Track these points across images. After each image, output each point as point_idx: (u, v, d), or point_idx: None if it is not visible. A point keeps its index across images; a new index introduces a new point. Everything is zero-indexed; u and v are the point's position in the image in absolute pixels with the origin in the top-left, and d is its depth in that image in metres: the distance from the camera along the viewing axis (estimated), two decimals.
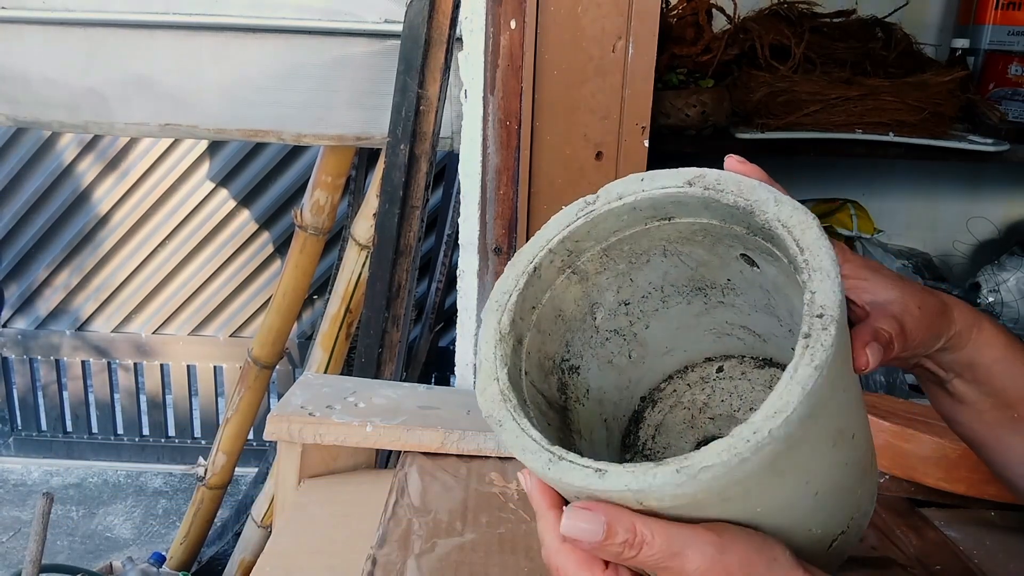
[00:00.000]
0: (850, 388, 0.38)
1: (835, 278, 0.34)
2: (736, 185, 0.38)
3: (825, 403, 0.34)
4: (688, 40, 1.33)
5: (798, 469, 0.35)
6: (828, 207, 1.64)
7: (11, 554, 1.96)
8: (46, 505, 1.12)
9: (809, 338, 0.33)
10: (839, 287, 0.34)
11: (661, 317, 0.47)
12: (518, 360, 0.42)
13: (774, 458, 0.33)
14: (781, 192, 0.38)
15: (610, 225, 0.42)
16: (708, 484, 0.32)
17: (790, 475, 0.35)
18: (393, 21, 1.02)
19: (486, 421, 0.38)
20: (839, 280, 0.34)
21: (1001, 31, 1.51)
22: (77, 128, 1.12)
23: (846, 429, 0.37)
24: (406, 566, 0.56)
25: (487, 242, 0.87)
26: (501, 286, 0.42)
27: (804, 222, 0.36)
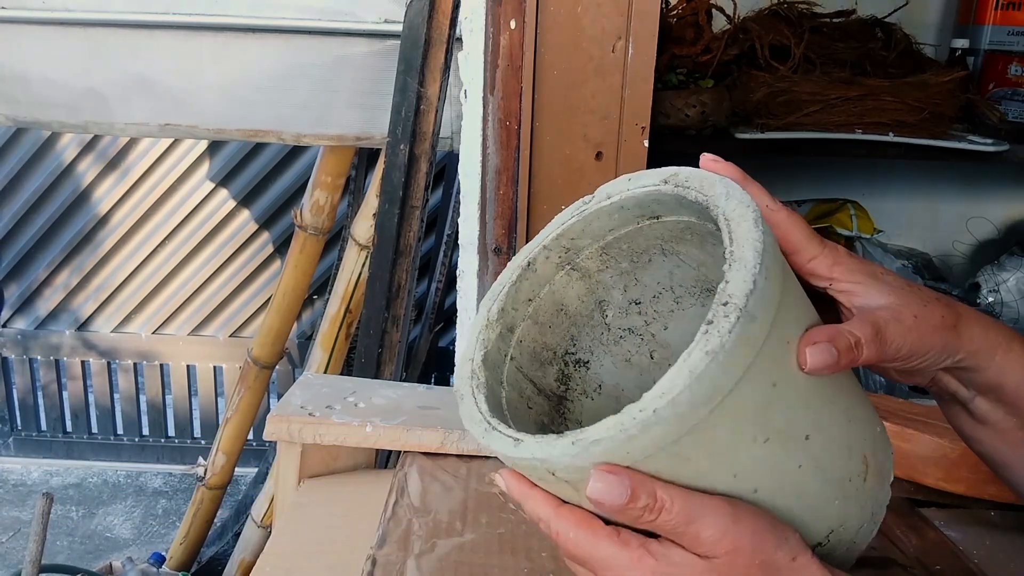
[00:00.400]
0: (799, 387, 0.37)
1: (751, 269, 0.34)
2: (699, 181, 0.39)
3: (730, 392, 0.34)
4: (688, 40, 1.33)
5: (714, 459, 0.36)
6: (828, 207, 1.64)
7: (11, 554, 1.96)
8: (46, 505, 1.12)
9: (710, 325, 0.34)
10: (753, 279, 0.34)
11: (679, 319, 0.48)
12: (505, 346, 0.44)
13: (672, 440, 0.34)
14: (739, 187, 0.38)
15: (603, 223, 0.43)
16: (601, 458, 0.34)
17: (704, 463, 0.35)
18: (393, 21, 1.02)
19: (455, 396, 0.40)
20: (756, 272, 0.34)
21: (1001, 31, 1.51)
22: (77, 128, 1.12)
23: (791, 429, 0.37)
24: (406, 566, 0.56)
25: (487, 242, 0.87)
26: (499, 280, 0.44)
27: (742, 215, 0.36)
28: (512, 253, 0.86)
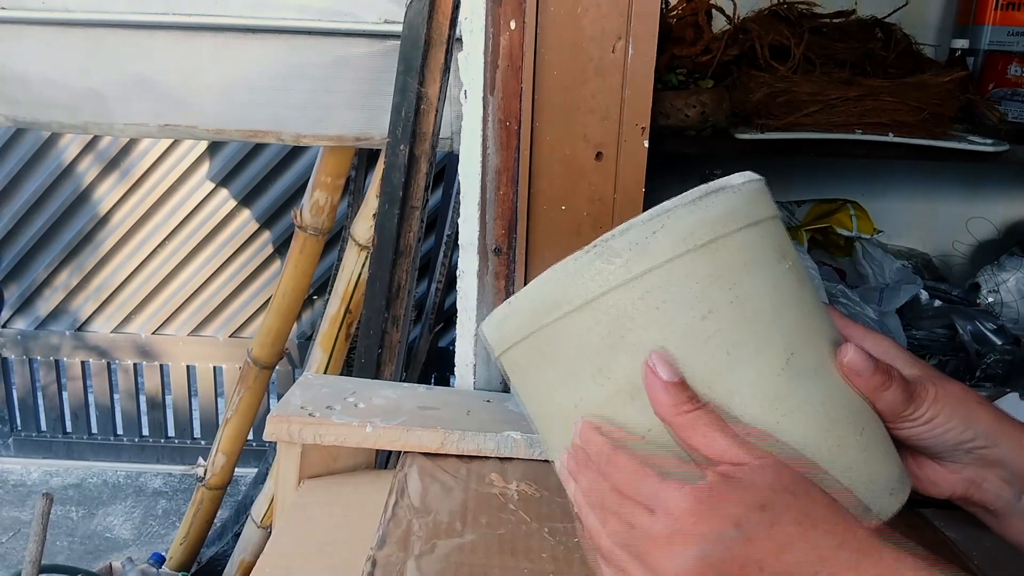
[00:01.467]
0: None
1: (638, 219, 0.42)
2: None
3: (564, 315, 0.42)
4: (688, 40, 1.33)
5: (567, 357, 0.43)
6: (828, 207, 1.64)
7: (11, 554, 1.95)
8: (46, 505, 1.12)
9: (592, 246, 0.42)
10: (629, 226, 0.42)
11: None
12: None
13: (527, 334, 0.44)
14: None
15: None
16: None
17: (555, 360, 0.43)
18: (393, 21, 1.02)
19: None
20: (636, 222, 0.42)
21: (1001, 31, 1.51)
22: (77, 129, 1.12)
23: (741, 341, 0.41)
24: (406, 567, 0.56)
25: (487, 242, 0.87)
26: None
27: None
28: (512, 253, 0.86)
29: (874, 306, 1.43)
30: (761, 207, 0.43)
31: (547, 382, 0.44)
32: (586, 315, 0.41)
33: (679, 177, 1.38)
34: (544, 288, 0.43)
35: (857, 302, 1.43)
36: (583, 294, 0.41)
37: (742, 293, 0.40)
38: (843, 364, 0.43)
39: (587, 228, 0.85)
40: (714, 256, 0.40)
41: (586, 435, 0.41)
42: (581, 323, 0.41)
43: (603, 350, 0.41)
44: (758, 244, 0.42)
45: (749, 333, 0.40)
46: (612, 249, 0.41)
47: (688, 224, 0.41)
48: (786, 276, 0.42)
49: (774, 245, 0.43)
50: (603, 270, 0.41)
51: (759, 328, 0.40)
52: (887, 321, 1.41)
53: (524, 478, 0.70)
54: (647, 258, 0.40)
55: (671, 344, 0.40)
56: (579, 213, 0.84)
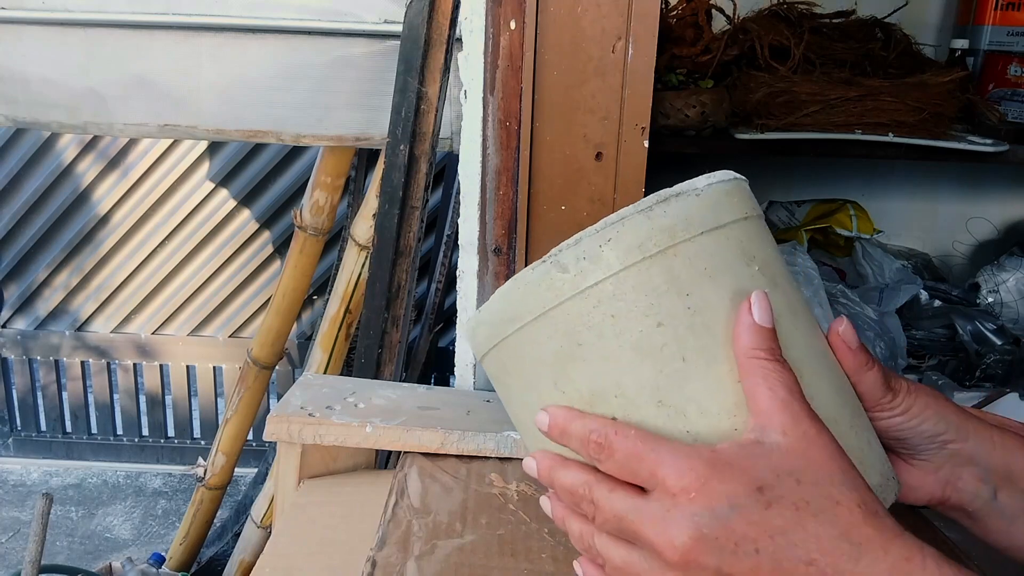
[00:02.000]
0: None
1: (589, 232, 0.42)
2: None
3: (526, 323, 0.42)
4: (688, 40, 1.33)
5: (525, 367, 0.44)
6: (828, 207, 1.64)
7: (10, 554, 1.95)
8: (45, 505, 1.12)
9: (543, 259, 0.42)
10: (577, 240, 0.41)
11: None
12: None
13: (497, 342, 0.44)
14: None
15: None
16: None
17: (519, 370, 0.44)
18: (393, 21, 1.02)
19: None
20: (585, 236, 0.41)
21: (1000, 31, 1.51)
22: (76, 129, 1.12)
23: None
24: (406, 568, 0.56)
25: (487, 243, 0.87)
26: None
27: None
28: (512, 254, 0.86)
29: (874, 306, 1.43)
30: (726, 210, 0.42)
31: (515, 389, 0.45)
32: (543, 326, 0.42)
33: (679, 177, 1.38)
34: (504, 300, 0.43)
35: (857, 302, 1.43)
36: (539, 305, 0.41)
37: (698, 301, 0.40)
38: (837, 333, 0.44)
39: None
40: (669, 264, 0.40)
41: (576, 423, 0.40)
42: (539, 334, 0.42)
43: (561, 360, 0.42)
44: (720, 249, 0.41)
45: (705, 342, 0.40)
46: (564, 260, 0.41)
47: (640, 233, 0.40)
48: (754, 280, 0.42)
49: (740, 249, 0.42)
50: (556, 281, 0.41)
51: (715, 337, 0.40)
52: (887, 321, 1.41)
53: (524, 478, 0.70)
54: (599, 268, 0.40)
55: (625, 354, 0.40)
56: (579, 213, 0.84)
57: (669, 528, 0.36)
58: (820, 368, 0.42)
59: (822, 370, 0.43)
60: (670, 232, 0.40)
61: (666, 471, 0.37)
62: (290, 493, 0.74)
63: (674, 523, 0.36)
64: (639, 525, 0.37)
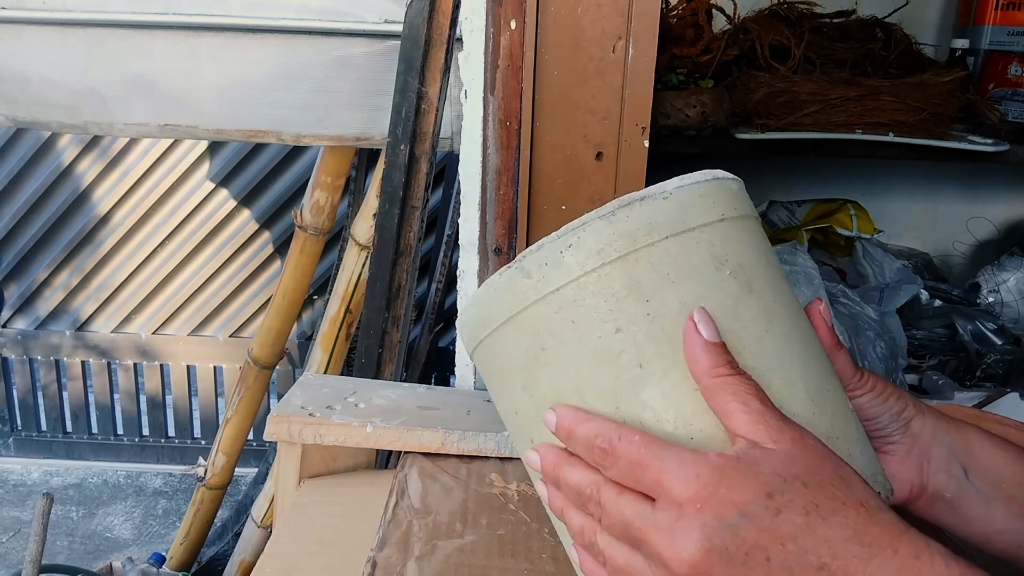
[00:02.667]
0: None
1: (551, 238, 0.42)
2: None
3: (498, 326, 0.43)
4: (688, 40, 1.33)
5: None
6: (828, 207, 1.64)
7: (11, 554, 1.95)
8: (46, 505, 1.12)
9: (507, 266, 0.42)
10: (539, 246, 0.42)
11: None
12: None
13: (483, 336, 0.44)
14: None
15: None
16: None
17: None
18: (393, 21, 1.02)
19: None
20: (548, 241, 0.42)
21: (1001, 31, 1.51)
22: (76, 129, 1.12)
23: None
24: (406, 568, 0.56)
25: (487, 242, 0.87)
26: None
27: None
28: (512, 254, 0.86)
29: (874, 306, 1.43)
30: (698, 213, 0.41)
31: (495, 390, 0.46)
32: (511, 330, 0.42)
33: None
34: (476, 305, 0.44)
35: (857, 302, 1.43)
36: (507, 310, 0.42)
37: (658, 307, 0.39)
38: (819, 312, 0.46)
39: None
40: (630, 269, 0.40)
41: (582, 426, 0.40)
42: (508, 338, 0.42)
43: (528, 364, 0.42)
44: (686, 253, 0.40)
45: (663, 348, 0.39)
46: (527, 266, 0.41)
47: (601, 238, 0.40)
48: (722, 285, 0.41)
49: (711, 253, 0.41)
50: (521, 286, 0.41)
51: (674, 344, 0.39)
52: (887, 321, 1.41)
53: (524, 478, 0.70)
54: (560, 274, 0.40)
55: (585, 359, 0.40)
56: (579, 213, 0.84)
57: (677, 540, 0.35)
58: (795, 374, 0.41)
59: (798, 376, 0.41)
60: (631, 237, 0.40)
61: (671, 480, 0.36)
62: (290, 493, 0.74)
63: (682, 534, 0.35)
64: (646, 534, 0.37)
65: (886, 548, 0.35)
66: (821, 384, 0.42)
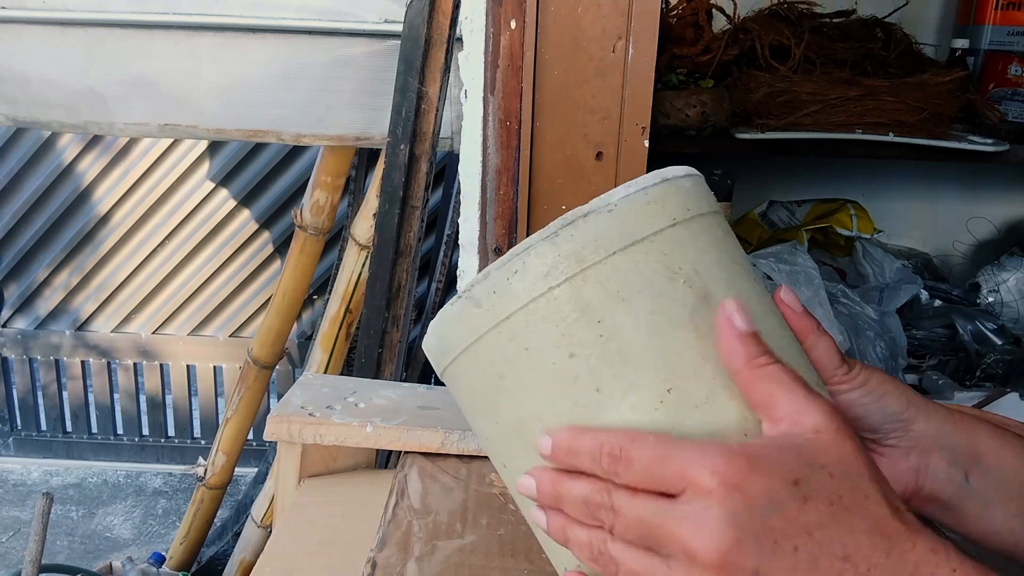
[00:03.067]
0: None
1: (499, 264, 0.41)
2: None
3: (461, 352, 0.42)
4: (688, 40, 1.33)
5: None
6: (828, 207, 1.64)
7: (11, 554, 1.96)
8: (46, 505, 1.12)
9: (459, 294, 0.42)
10: (486, 273, 0.41)
11: None
12: None
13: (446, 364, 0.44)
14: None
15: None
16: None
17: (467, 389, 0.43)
18: (393, 21, 1.02)
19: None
20: (496, 268, 0.41)
21: (1001, 31, 1.51)
22: (76, 128, 1.12)
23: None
24: (406, 568, 0.56)
25: (487, 242, 0.87)
26: None
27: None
28: None
29: (874, 306, 1.43)
30: (646, 221, 0.39)
31: (466, 416, 0.45)
32: (468, 360, 0.41)
33: None
34: (435, 335, 0.43)
35: (857, 302, 1.43)
36: (462, 341, 0.41)
37: (610, 327, 0.38)
38: (781, 300, 0.43)
39: None
40: (578, 291, 0.38)
41: (584, 438, 0.38)
42: (467, 367, 0.42)
43: (489, 392, 0.41)
44: (636, 267, 0.39)
45: (619, 369, 0.38)
46: (476, 295, 0.40)
47: (546, 261, 0.39)
48: (677, 296, 0.39)
49: (662, 263, 0.39)
50: (472, 316, 0.40)
51: (629, 364, 0.38)
52: (887, 321, 1.41)
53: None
54: (508, 302, 0.39)
55: (542, 386, 0.39)
56: None
57: (705, 529, 0.35)
58: (710, 414, 0.39)
59: (713, 414, 0.39)
60: (578, 257, 0.39)
61: (697, 470, 0.35)
62: (290, 493, 0.74)
63: (711, 523, 0.35)
64: (669, 529, 0.36)
65: (905, 541, 0.35)
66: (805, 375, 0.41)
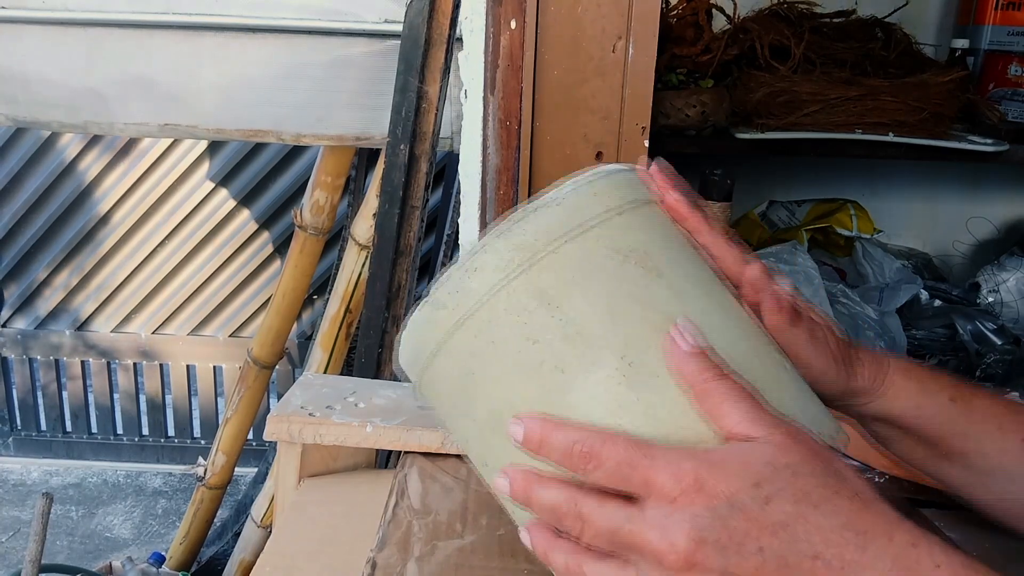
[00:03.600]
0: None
1: (456, 267, 0.43)
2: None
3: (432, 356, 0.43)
4: (688, 40, 1.33)
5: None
6: (828, 207, 1.64)
7: (11, 554, 1.96)
8: (45, 505, 1.12)
9: (421, 299, 0.43)
10: (448, 276, 0.43)
11: None
12: None
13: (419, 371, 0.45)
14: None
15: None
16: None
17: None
18: (393, 21, 1.02)
19: None
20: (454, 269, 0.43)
21: (1001, 31, 1.51)
22: (76, 128, 1.12)
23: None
24: (406, 569, 0.56)
25: None
26: None
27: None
28: None
29: (874, 306, 1.43)
30: (591, 212, 0.42)
31: (445, 424, 0.47)
32: (440, 362, 0.43)
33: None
34: (405, 344, 0.45)
35: (857, 302, 1.43)
36: (432, 344, 0.43)
37: (568, 311, 0.40)
38: (703, 246, 0.46)
39: None
40: (534, 281, 0.40)
41: (556, 434, 0.39)
42: (440, 370, 0.43)
43: (462, 390, 0.43)
44: (587, 253, 0.41)
45: (580, 350, 0.40)
46: (440, 298, 0.42)
47: (502, 256, 0.41)
48: (628, 276, 0.41)
49: (611, 247, 0.42)
50: (438, 318, 0.42)
51: (589, 343, 0.40)
52: (887, 321, 1.41)
53: None
54: (470, 299, 0.41)
55: (510, 376, 0.40)
56: None
57: (669, 532, 0.36)
58: (729, 340, 0.42)
59: (731, 341, 0.42)
60: (530, 249, 0.41)
61: (663, 477, 0.36)
62: (290, 492, 0.74)
63: (674, 526, 0.36)
64: (636, 536, 0.36)
65: (881, 536, 0.35)
66: (745, 348, 0.43)
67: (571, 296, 0.40)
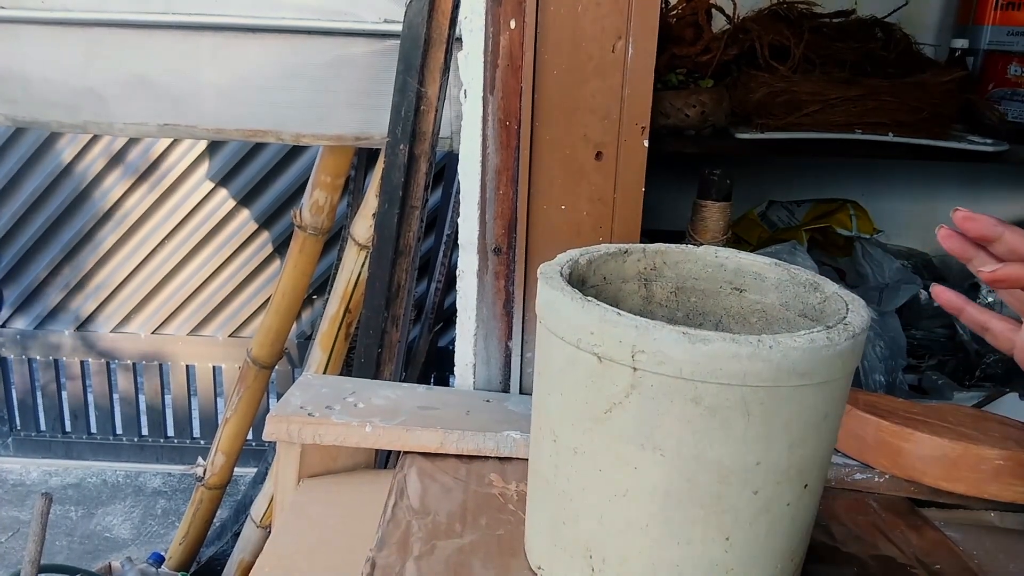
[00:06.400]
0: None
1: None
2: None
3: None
4: (688, 40, 1.33)
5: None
6: (828, 207, 1.64)
7: (10, 554, 1.95)
8: (45, 505, 1.12)
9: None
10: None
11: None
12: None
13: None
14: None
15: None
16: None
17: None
18: (393, 21, 1.02)
19: None
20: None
21: (1000, 31, 1.51)
22: (76, 128, 1.12)
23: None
24: (405, 568, 0.56)
25: (487, 242, 0.87)
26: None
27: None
28: (512, 253, 0.86)
29: (874, 306, 1.43)
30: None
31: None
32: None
33: (679, 177, 1.38)
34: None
35: None
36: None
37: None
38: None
39: (587, 228, 0.85)
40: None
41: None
42: None
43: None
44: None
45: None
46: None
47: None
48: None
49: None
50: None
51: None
52: (887, 321, 1.41)
53: (524, 478, 0.70)
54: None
55: None
56: (579, 213, 0.84)
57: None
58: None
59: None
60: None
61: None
62: (289, 492, 0.74)
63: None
64: None
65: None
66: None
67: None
